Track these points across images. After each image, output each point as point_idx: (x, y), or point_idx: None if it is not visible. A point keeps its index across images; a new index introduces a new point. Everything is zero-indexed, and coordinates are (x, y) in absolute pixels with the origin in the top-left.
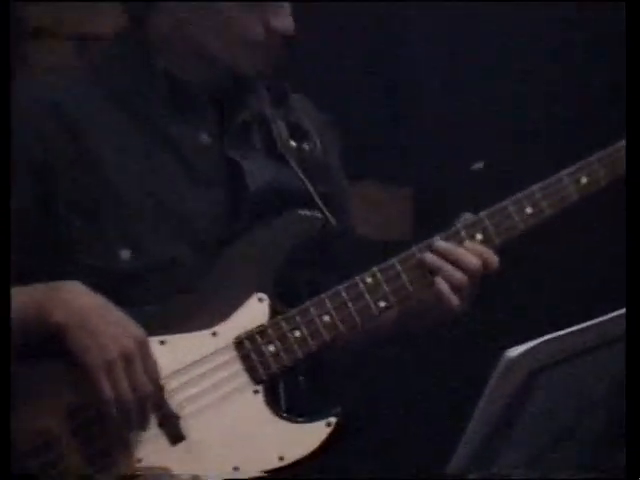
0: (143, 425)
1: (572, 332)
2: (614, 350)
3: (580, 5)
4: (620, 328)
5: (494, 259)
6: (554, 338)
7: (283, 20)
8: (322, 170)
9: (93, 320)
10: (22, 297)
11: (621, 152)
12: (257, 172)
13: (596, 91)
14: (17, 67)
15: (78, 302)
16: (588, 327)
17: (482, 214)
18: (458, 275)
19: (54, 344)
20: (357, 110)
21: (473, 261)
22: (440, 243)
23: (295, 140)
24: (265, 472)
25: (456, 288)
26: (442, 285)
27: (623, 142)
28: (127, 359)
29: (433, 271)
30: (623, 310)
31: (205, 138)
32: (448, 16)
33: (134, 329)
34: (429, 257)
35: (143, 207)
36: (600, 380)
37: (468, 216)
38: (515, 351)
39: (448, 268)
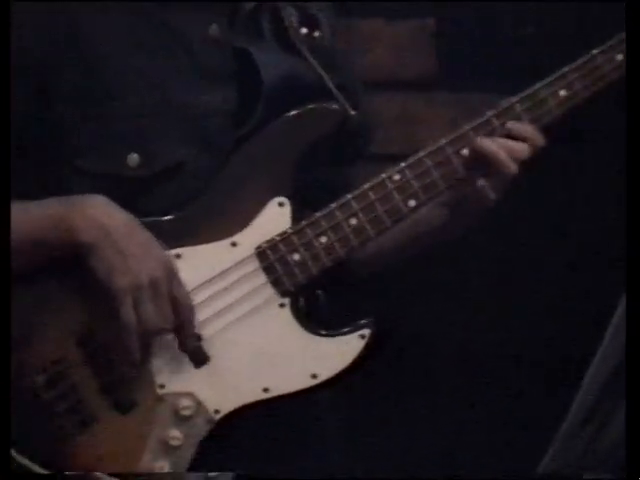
0: (190, 345)
1: None
2: None
3: None
4: None
5: (537, 136)
6: None
7: None
8: (333, 59)
9: (122, 240)
10: (41, 212)
11: None
12: (271, 64)
13: None
14: None
15: (106, 220)
16: None
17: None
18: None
19: (71, 264)
20: None
21: (521, 148)
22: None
23: (306, 27)
24: (297, 392)
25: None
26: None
27: None
28: (154, 285)
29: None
30: None
31: (214, 29)
32: None
33: (161, 252)
34: (484, 142)
35: (150, 106)
36: None
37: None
38: None
39: (503, 156)
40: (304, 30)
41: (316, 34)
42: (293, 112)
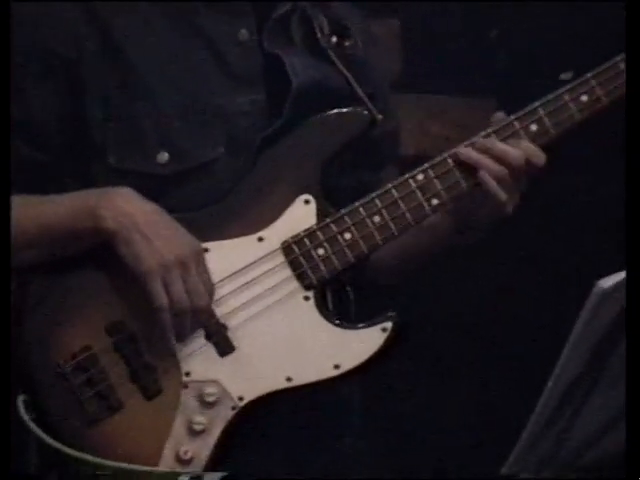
0: (216, 331)
1: None
2: None
3: None
4: None
5: (539, 154)
6: None
7: None
8: (363, 68)
9: (146, 226)
10: (71, 202)
11: None
12: (300, 68)
13: None
14: None
15: (130, 208)
16: None
17: (536, 104)
18: (498, 168)
19: (104, 252)
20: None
21: (514, 154)
22: (480, 140)
23: (336, 36)
24: (320, 381)
25: (499, 181)
26: (486, 177)
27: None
28: (182, 265)
29: (474, 165)
30: None
31: (244, 34)
32: None
33: (187, 236)
34: (466, 151)
35: (179, 107)
36: None
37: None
38: (609, 281)
39: (487, 162)
40: (334, 39)
41: (347, 43)
42: (322, 114)
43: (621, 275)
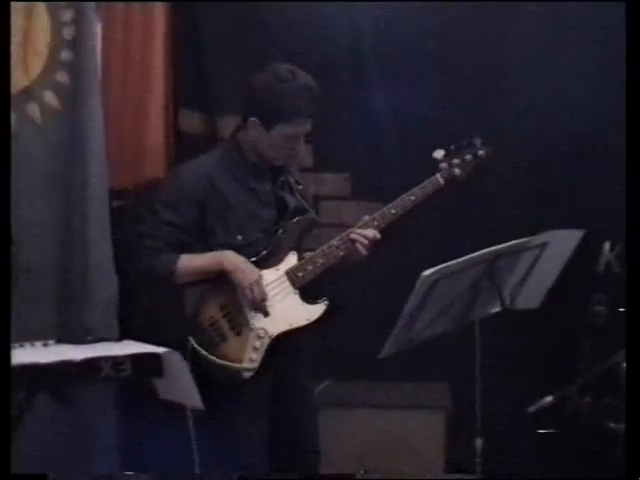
0: (263, 308)
1: (459, 261)
2: (479, 268)
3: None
4: (485, 257)
5: (377, 234)
6: (449, 264)
7: (301, 146)
8: (307, 197)
9: (243, 267)
10: (211, 258)
11: None
12: (289, 201)
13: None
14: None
15: (235, 260)
16: (469, 258)
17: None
18: (364, 241)
19: (217, 278)
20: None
21: (370, 235)
22: (356, 230)
23: (297, 184)
24: (301, 326)
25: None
26: (358, 246)
27: None
28: (257, 282)
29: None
30: (490, 248)
31: (269, 189)
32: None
33: (257, 270)
34: (353, 234)
35: (246, 219)
36: (464, 284)
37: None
38: (428, 271)
39: (360, 239)
40: (299, 186)
41: (300, 187)
42: (293, 220)
43: (434, 268)
